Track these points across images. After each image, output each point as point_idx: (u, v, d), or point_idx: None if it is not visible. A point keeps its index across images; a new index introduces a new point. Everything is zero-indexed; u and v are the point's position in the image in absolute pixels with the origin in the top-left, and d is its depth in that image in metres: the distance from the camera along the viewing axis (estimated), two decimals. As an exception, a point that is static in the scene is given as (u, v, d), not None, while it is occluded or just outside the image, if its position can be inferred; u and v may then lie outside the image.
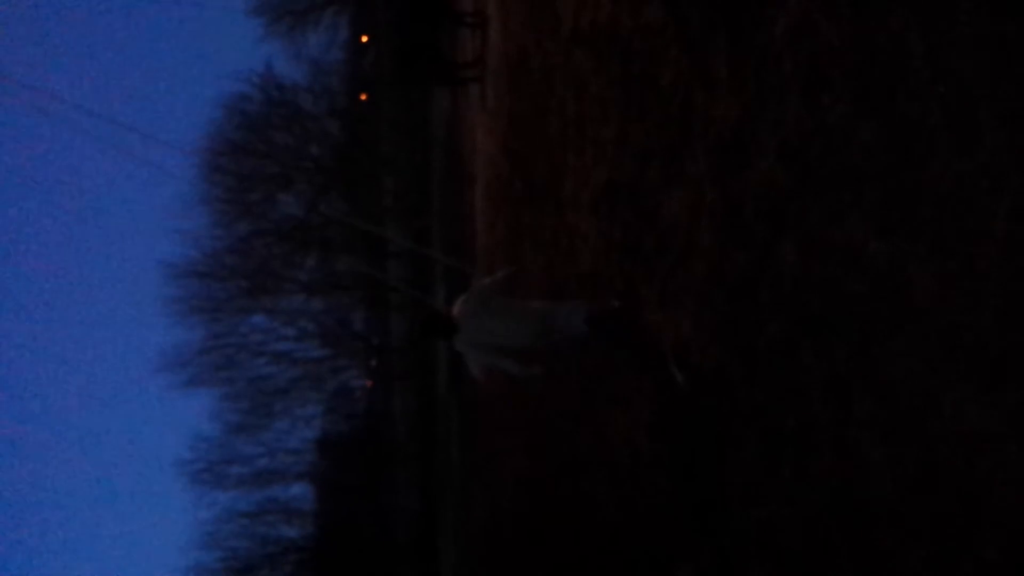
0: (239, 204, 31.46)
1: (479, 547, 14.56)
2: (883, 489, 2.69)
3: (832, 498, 2.99)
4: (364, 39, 44.89)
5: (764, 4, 3.37)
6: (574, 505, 6.83)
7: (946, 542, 2.41)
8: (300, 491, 38.52)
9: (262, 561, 35.34)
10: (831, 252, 3.03)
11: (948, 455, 2.40)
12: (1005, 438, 2.19)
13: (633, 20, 5.15)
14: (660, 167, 4.85)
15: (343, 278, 33.79)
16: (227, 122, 32.06)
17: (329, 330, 35.94)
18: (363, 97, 41.18)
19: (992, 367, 2.26)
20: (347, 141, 34.94)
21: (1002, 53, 2.21)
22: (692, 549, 4.26)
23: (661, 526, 4.73)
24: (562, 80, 7.32)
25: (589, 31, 6.21)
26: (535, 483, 8.89)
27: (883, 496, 2.68)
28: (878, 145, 2.71)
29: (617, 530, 5.64)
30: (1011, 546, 2.17)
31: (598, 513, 6.03)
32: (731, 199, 3.85)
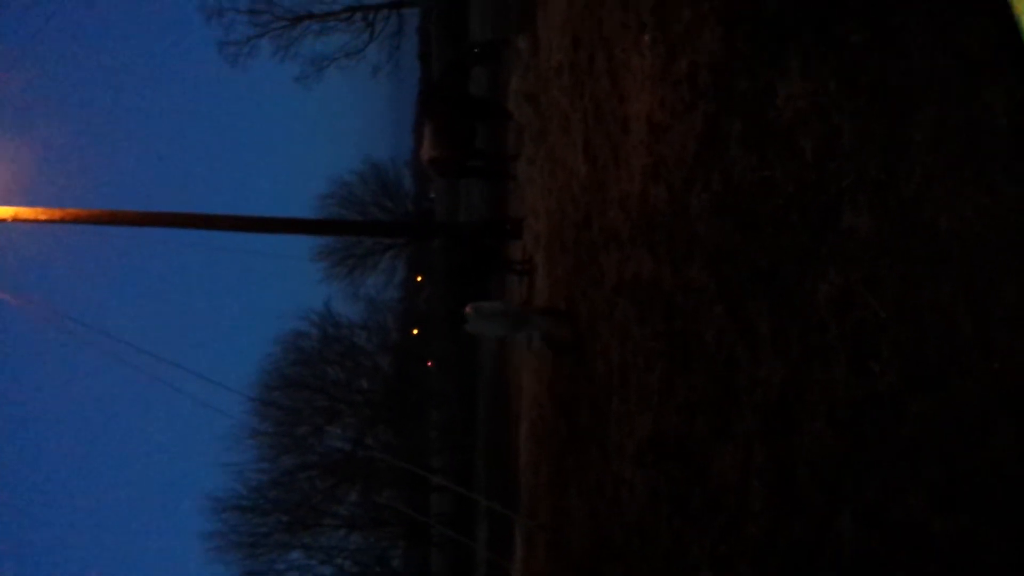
0: (286, 437, 31.61)
1: None
2: None
3: None
4: (419, 279, 46.99)
5: (803, 273, 3.42)
6: None
7: None
8: None
9: None
10: (892, 528, 2.84)
11: None
12: None
13: (675, 277, 5.27)
14: (706, 422, 4.75)
15: (384, 512, 33.01)
16: (282, 358, 33.04)
17: (367, 569, 34.63)
18: (414, 332, 42.40)
19: None
20: (396, 375, 35.54)
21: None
22: None
23: None
24: (606, 328, 7.43)
25: (632, 284, 6.37)
26: None
27: None
28: (934, 419, 2.61)
29: None
30: None
31: None
32: (782, 462, 3.71)
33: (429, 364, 38.93)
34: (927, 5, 2.73)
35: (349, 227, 32.53)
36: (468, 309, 9.55)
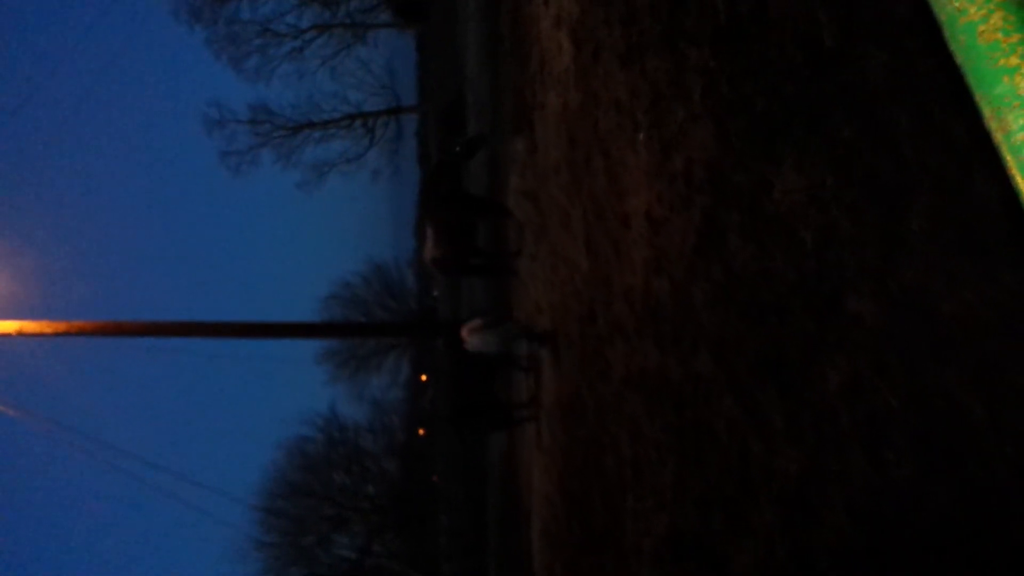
0: (293, 548, 30.91)
1: None
2: None
3: None
4: (423, 378, 46.81)
5: (811, 362, 3.42)
6: None
7: None
8: None
9: None
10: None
11: None
12: None
13: (682, 369, 5.26)
14: (723, 517, 4.66)
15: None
16: (288, 464, 32.63)
17: None
18: (421, 432, 41.99)
19: None
20: (404, 479, 35.01)
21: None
22: None
23: None
24: (616, 422, 7.36)
25: (639, 377, 6.35)
26: None
27: None
28: (954, 506, 2.57)
29: None
30: None
31: None
32: (803, 556, 3.63)
33: (435, 479, 38.38)
34: (913, 97, 2.83)
35: (353, 329, 32.61)
36: (463, 333, 10.96)
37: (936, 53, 2.72)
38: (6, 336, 11.92)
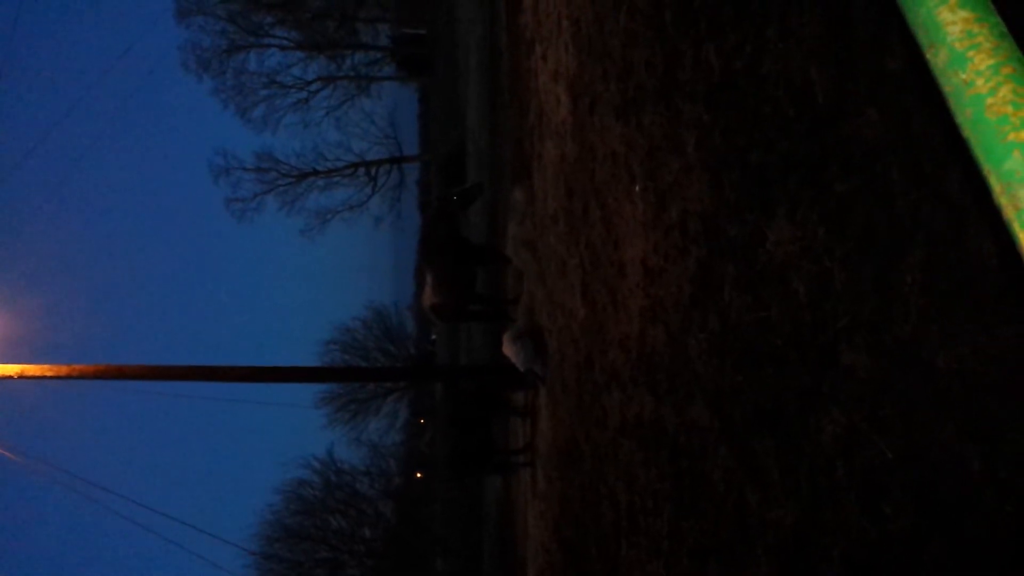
0: (288, 594, 30.52)
1: None
2: None
3: None
4: (421, 421, 46.60)
5: (807, 413, 3.42)
6: None
7: None
8: None
9: None
10: None
11: None
12: None
13: (678, 418, 5.25)
14: (719, 567, 4.62)
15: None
16: (284, 508, 32.36)
17: None
18: (418, 475, 41.68)
19: None
20: (400, 522, 34.70)
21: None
22: None
23: None
24: (611, 470, 7.33)
25: (635, 425, 6.34)
26: None
27: None
28: (952, 562, 2.56)
29: None
30: None
31: None
32: (800, 610, 3.59)
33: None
34: (905, 152, 2.87)
35: (352, 374, 32.51)
36: (505, 341, 11.56)
37: (928, 108, 2.78)
38: (7, 379, 11.90)
